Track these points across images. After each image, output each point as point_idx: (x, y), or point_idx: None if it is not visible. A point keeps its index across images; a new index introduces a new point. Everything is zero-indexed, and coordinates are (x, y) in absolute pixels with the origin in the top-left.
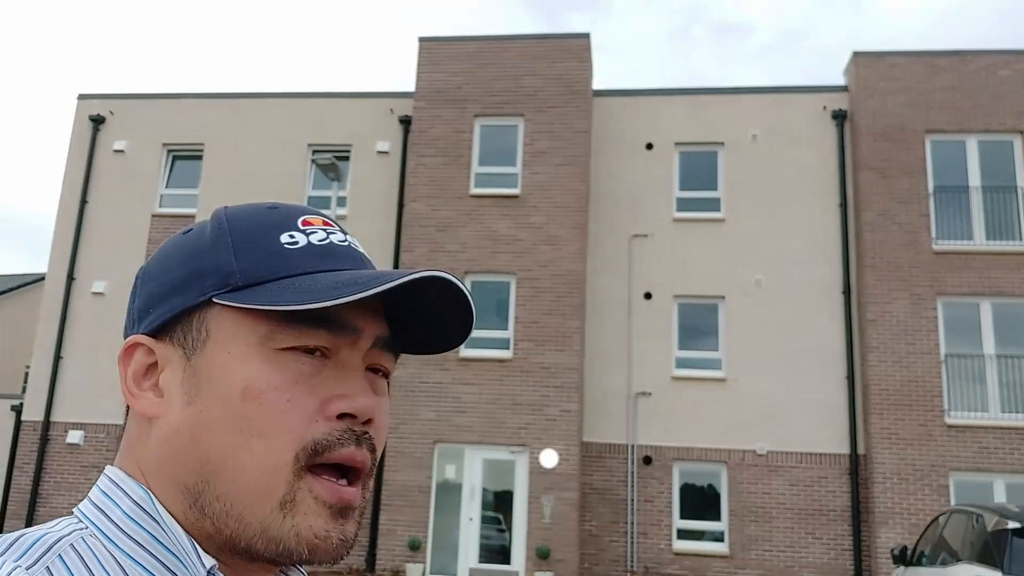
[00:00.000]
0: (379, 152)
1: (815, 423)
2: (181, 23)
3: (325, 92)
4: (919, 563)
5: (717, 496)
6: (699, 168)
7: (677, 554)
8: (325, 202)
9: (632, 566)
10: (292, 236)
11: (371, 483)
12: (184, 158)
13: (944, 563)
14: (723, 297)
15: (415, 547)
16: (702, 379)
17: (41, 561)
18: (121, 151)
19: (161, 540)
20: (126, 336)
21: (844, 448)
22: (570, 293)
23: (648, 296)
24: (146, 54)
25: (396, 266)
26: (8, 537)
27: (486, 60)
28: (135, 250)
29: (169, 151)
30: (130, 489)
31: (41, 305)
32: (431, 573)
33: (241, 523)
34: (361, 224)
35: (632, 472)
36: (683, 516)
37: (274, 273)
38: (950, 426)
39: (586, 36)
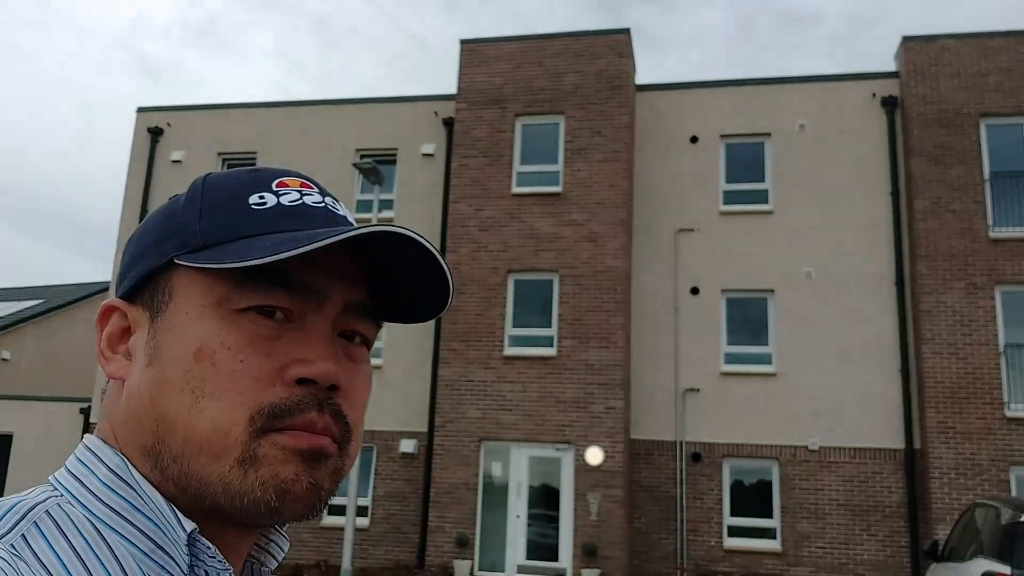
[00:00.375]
0: (424, 155)
1: (869, 418)
2: (232, 32)
3: (372, 97)
4: (950, 558)
5: (769, 493)
6: (745, 160)
7: (728, 551)
8: (371, 205)
9: (682, 563)
10: (262, 197)
11: (351, 450)
12: (238, 166)
13: (971, 557)
14: (772, 291)
15: (463, 543)
16: (752, 374)
17: (16, 529)
18: (179, 161)
19: (138, 507)
20: None
21: (899, 443)
22: (613, 290)
23: (695, 291)
24: (199, 65)
25: None
26: None
27: (527, 59)
28: None
29: (224, 160)
30: (106, 456)
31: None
32: (480, 569)
33: (202, 482)
34: (407, 226)
35: (681, 469)
36: (734, 513)
37: (235, 233)
38: (1010, 419)
39: (626, 31)
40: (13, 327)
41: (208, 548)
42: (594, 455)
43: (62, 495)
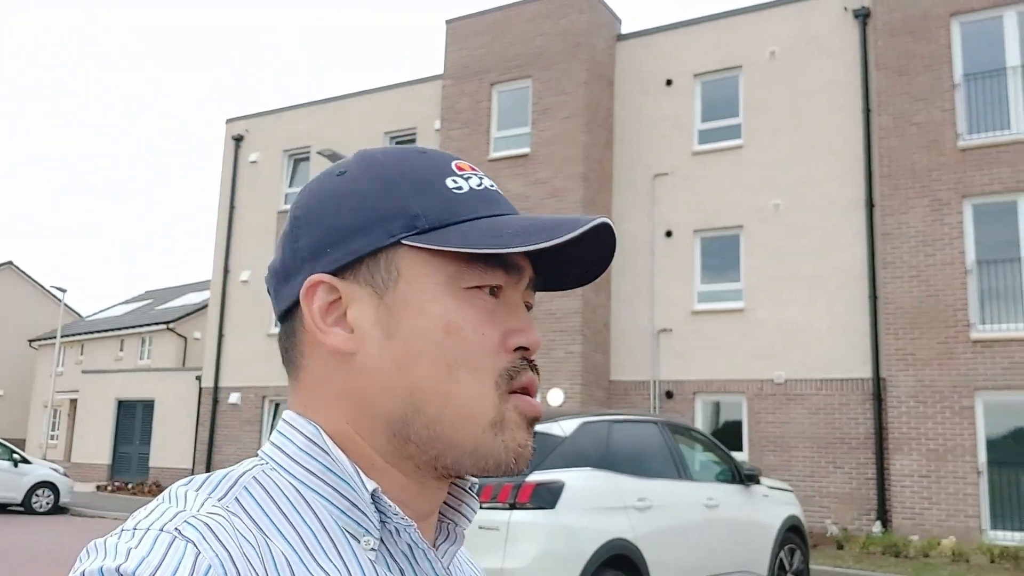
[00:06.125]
0: (436, 130)
1: (836, 348)
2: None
3: (397, 83)
4: None
5: (739, 427)
6: (720, 97)
7: None
8: None
9: None
10: (455, 181)
11: None
12: (301, 160)
13: None
14: (741, 227)
15: None
16: (721, 311)
17: (230, 493)
18: (255, 161)
19: (332, 469)
20: (283, 275)
21: (867, 373)
22: None
23: (669, 234)
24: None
25: None
26: (201, 477)
27: (502, 29)
28: (266, 243)
29: (290, 156)
30: (301, 426)
31: (209, 295)
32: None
33: (450, 445)
34: None
35: (655, 407)
36: None
37: (454, 216)
38: (976, 341)
39: None
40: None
41: (390, 506)
42: (555, 396)
43: (267, 463)
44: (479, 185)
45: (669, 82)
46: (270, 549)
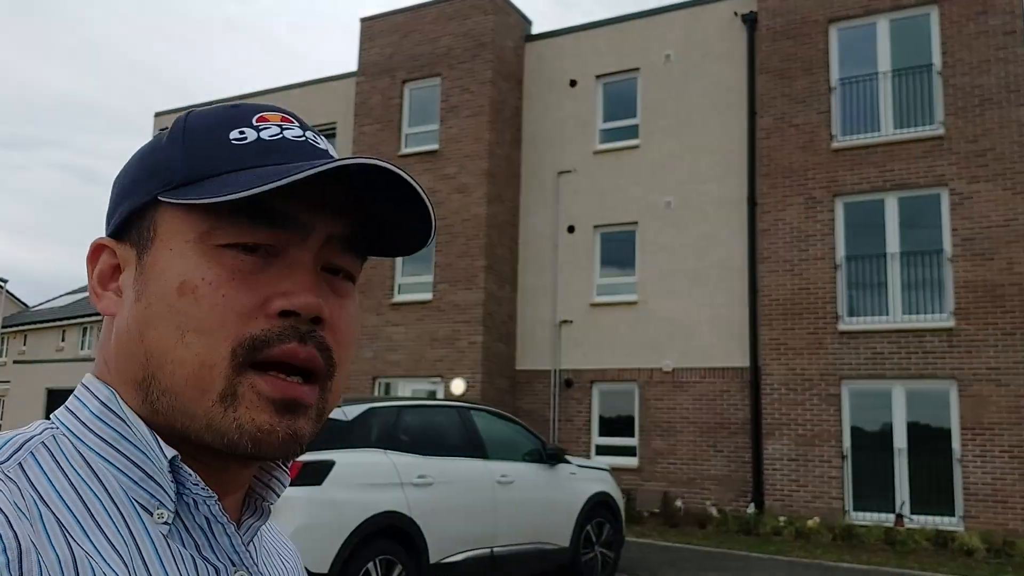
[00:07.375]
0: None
1: (718, 338)
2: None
3: (316, 79)
4: None
5: (631, 413)
6: (620, 98)
7: None
8: None
9: None
10: (242, 132)
11: (335, 385)
12: None
13: None
14: (636, 223)
15: None
16: (617, 303)
17: (13, 458)
18: None
19: (127, 436)
20: None
21: (745, 362)
22: (476, 236)
23: (571, 229)
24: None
25: None
26: None
27: (411, 28)
28: None
29: None
30: (96, 390)
31: None
32: None
33: (188, 416)
34: None
35: (555, 395)
36: (602, 433)
37: (216, 169)
38: (843, 333)
39: None
40: None
41: (190, 475)
42: (457, 385)
43: (58, 428)
44: (274, 135)
45: (573, 83)
46: (43, 519)
